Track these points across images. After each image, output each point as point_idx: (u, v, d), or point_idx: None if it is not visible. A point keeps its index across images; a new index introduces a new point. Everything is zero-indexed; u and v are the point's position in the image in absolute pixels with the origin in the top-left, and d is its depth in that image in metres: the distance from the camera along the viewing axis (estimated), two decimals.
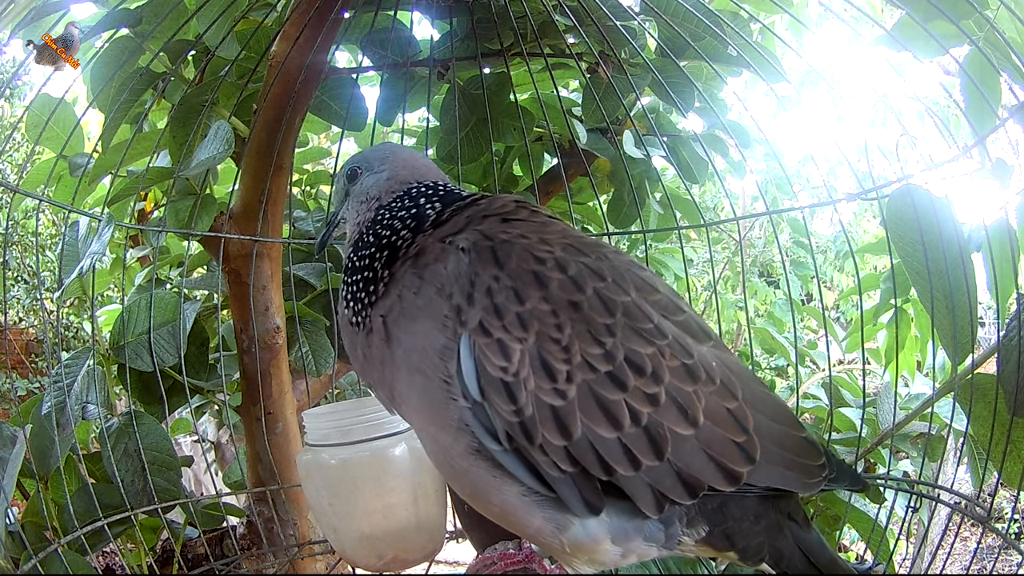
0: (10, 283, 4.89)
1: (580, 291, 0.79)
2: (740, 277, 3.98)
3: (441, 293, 0.79)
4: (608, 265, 0.82)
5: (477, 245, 0.80)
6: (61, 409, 1.35)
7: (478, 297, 0.77)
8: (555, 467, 0.77)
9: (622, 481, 0.77)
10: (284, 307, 1.66)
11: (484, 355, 0.76)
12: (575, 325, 0.77)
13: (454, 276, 0.79)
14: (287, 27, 1.52)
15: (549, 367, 0.76)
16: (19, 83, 4.27)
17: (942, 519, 2.31)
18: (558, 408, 0.76)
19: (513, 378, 0.76)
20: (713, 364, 0.83)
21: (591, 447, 0.76)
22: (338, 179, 1.03)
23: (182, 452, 2.56)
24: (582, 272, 0.80)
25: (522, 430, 0.76)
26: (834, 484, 0.88)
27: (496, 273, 0.78)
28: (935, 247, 1.20)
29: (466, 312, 0.77)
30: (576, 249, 0.83)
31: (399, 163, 0.98)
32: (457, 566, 2.15)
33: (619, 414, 0.76)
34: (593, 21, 1.47)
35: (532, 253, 0.80)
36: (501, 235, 0.82)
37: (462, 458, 0.80)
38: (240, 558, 1.63)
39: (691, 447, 0.78)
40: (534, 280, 0.78)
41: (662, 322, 0.81)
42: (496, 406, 0.76)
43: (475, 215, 0.87)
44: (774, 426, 0.84)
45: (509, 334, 0.76)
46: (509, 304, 0.77)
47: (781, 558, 0.86)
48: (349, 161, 1.03)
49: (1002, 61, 1.18)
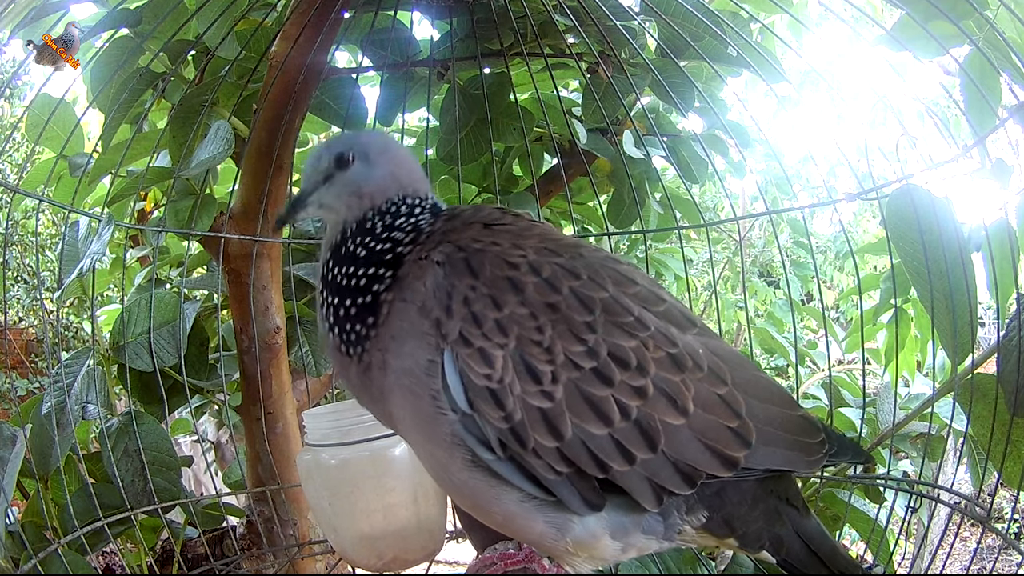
0: (10, 283, 4.89)
1: (556, 292, 0.79)
2: (740, 277, 3.98)
3: (423, 311, 0.79)
4: (583, 263, 0.82)
5: (451, 257, 0.80)
6: (61, 409, 1.35)
7: (456, 308, 0.77)
8: (550, 469, 0.77)
9: (618, 477, 0.77)
10: (284, 307, 1.66)
11: (467, 365, 0.76)
12: (555, 326, 0.77)
13: (432, 290, 0.78)
14: (287, 27, 1.52)
15: (533, 370, 0.76)
16: (19, 83, 4.27)
17: (942, 519, 2.31)
18: (546, 410, 0.76)
19: (498, 385, 0.76)
20: (699, 351, 0.82)
21: (583, 446, 0.76)
22: (319, 156, 0.90)
23: (182, 452, 2.56)
24: (556, 273, 0.80)
25: (514, 436, 0.76)
26: (836, 459, 0.88)
27: (472, 283, 0.78)
28: (935, 247, 1.20)
29: (445, 325, 0.77)
30: (550, 251, 0.82)
31: (398, 163, 0.90)
32: (457, 566, 2.15)
33: (608, 410, 0.77)
34: (593, 21, 1.47)
35: (504, 259, 0.80)
36: (474, 244, 0.81)
37: (459, 471, 0.80)
38: (240, 558, 1.63)
39: (684, 436, 0.78)
40: (510, 286, 0.78)
41: (643, 314, 0.81)
42: (485, 415, 0.76)
43: (453, 227, 0.86)
44: (769, 407, 0.84)
45: (490, 341, 0.76)
46: (487, 311, 0.77)
47: (781, 544, 0.86)
48: (338, 141, 0.92)
49: (1002, 61, 1.18)
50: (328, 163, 0.88)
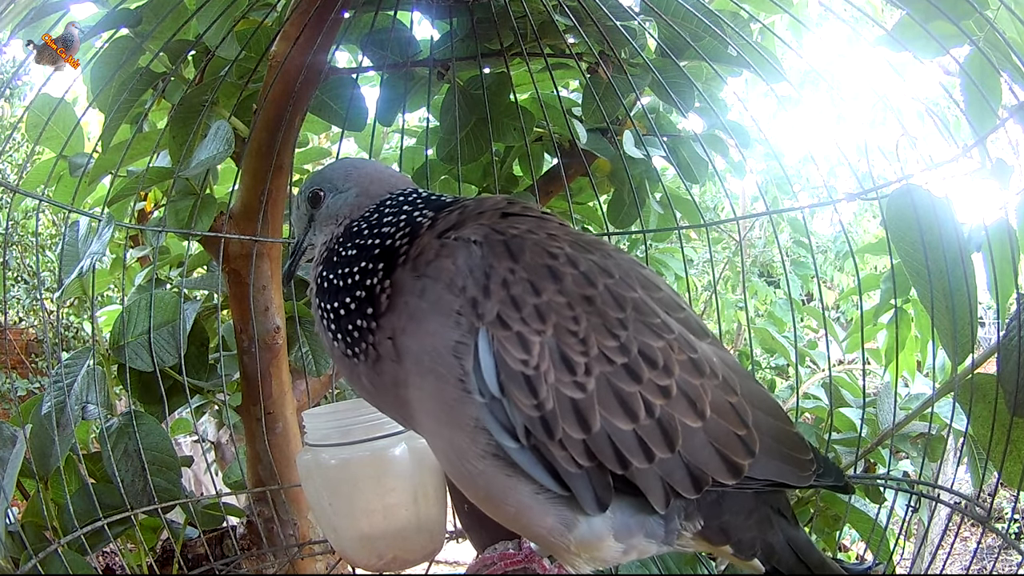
0: (10, 283, 4.89)
1: (592, 286, 0.79)
2: (740, 277, 3.98)
3: (451, 288, 0.78)
4: (614, 263, 0.83)
5: (489, 238, 0.80)
6: (61, 409, 1.35)
7: (494, 289, 0.76)
8: (572, 462, 0.77)
9: (636, 475, 0.77)
10: (284, 307, 1.66)
11: (504, 348, 0.75)
12: (590, 318, 0.77)
13: (467, 269, 0.78)
14: (287, 27, 1.52)
15: (568, 360, 0.76)
16: (19, 83, 4.26)
17: (942, 519, 2.31)
18: (578, 401, 0.76)
19: (534, 371, 0.75)
20: (714, 359, 0.84)
21: (609, 440, 0.77)
22: (297, 204, 0.95)
23: (182, 452, 2.56)
24: (592, 268, 0.80)
25: (542, 424, 0.76)
26: (821, 480, 0.89)
27: (511, 265, 0.78)
28: (935, 247, 1.20)
29: (482, 304, 0.76)
30: (582, 247, 0.83)
31: (365, 178, 0.92)
32: (457, 566, 2.15)
33: (635, 406, 0.77)
34: (593, 21, 1.47)
35: (545, 248, 0.80)
36: (511, 230, 0.81)
37: (477, 459, 0.79)
38: (240, 558, 1.63)
39: (699, 439, 0.79)
40: (549, 273, 0.78)
41: (667, 318, 0.82)
42: (516, 401, 0.75)
43: (468, 213, 0.86)
44: (770, 420, 0.86)
45: (528, 326, 0.76)
46: (526, 296, 0.76)
47: (772, 553, 0.87)
48: (307, 183, 0.95)
49: (1002, 61, 1.18)
50: (305, 207, 0.94)
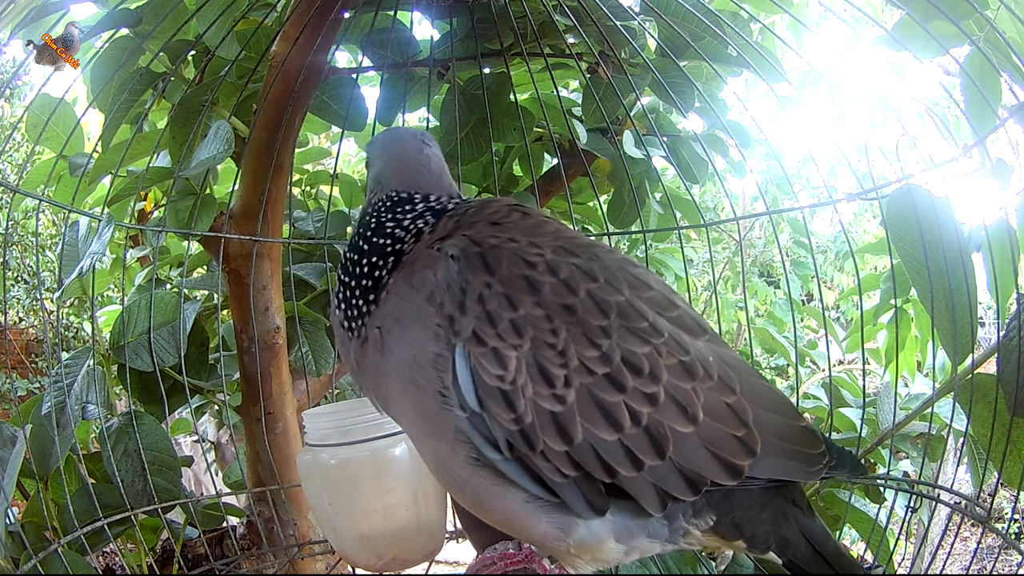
0: (10, 283, 4.89)
1: (573, 294, 0.78)
2: (740, 277, 3.98)
3: (431, 301, 0.78)
4: (599, 265, 0.81)
5: (466, 251, 0.79)
6: (61, 409, 1.35)
7: (470, 305, 0.76)
8: (557, 472, 0.76)
9: (625, 483, 0.77)
10: (284, 307, 1.66)
11: (480, 365, 0.75)
12: (570, 329, 0.76)
13: (444, 284, 0.78)
14: (287, 27, 1.52)
15: (546, 373, 0.75)
16: (19, 83, 4.26)
17: (942, 519, 2.31)
18: (558, 414, 0.75)
19: (511, 386, 0.75)
20: (710, 359, 0.82)
21: (593, 450, 0.76)
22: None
23: (182, 452, 2.56)
24: (574, 274, 0.79)
25: (523, 438, 0.75)
26: (834, 472, 0.88)
27: (487, 280, 0.77)
28: (935, 247, 1.20)
29: (459, 321, 0.76)
30: (566, 251, 0.82)
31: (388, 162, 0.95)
32: (457, 566, 2.15)
33: (619, 416, 0.76)
34: (593, 21, 1.47)
35: (522, 257, 0.79)
36: (490, 240, 0.80)
37: (462, 468, 0.79)
38: (240, 558, 1.63)
39: (692, 444, 0.78)
40: (526, 285, 0.77)
41: (657, 319, 0.81)
42: (495, 415, 0.75)
43: (464, 220, 0.86)
44: (773, 417, 0.84)
45: (504, 342, 0.75)
46: (502, 311, 0.76)
47: (787, 546, 0.86)
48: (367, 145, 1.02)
49: (1002, 61, 1.18)
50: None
